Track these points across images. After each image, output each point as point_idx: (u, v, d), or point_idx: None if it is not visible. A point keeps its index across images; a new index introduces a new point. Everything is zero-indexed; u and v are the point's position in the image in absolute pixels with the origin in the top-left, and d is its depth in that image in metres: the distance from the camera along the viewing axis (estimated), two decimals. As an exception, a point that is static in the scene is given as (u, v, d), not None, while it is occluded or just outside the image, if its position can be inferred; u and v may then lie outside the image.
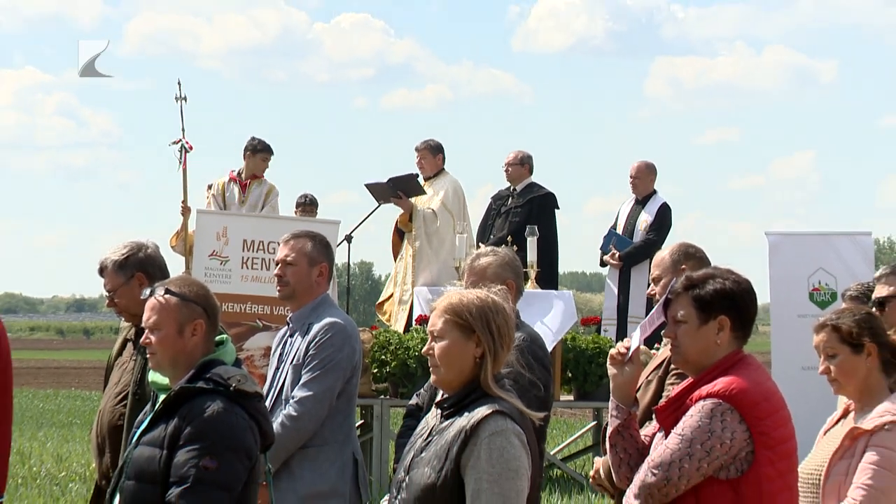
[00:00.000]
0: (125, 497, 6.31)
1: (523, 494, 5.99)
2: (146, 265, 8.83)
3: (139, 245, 8.95)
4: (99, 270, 8.93)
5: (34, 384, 42.91)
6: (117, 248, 8.90)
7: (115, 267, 8.79)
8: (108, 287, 8.86)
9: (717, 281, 6.46)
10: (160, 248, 9.16)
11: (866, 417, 6.84)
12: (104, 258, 8.89)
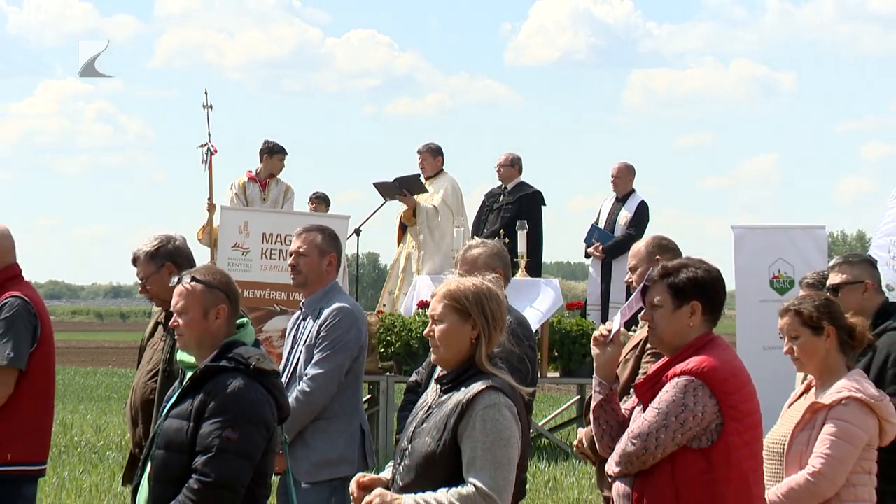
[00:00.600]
0: (156, 464, 6.30)
1: (514, 461, 5.99)
2: (175, 256, 8.83)
3: (168, 238, 8.96)
4: (132, 260, 8.92)
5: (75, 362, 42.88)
6: (149, 241, 8.90)
7: (147, 257, 8.80)
8: (141, 275, 8.86)
9: (690, 270, 6.46)
10: (187, 241, 9.17)
11: (826, 393, 6.84)
12: (137, 250, 8.89)
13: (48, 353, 8.91)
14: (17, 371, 8.67)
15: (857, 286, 8.37)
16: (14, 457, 8.73)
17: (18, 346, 8.68)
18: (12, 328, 8.69)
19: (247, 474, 6.18)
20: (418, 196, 19.62)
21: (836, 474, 6.69)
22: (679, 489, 6.18)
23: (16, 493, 8.82)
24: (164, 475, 6.24)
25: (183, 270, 8.68)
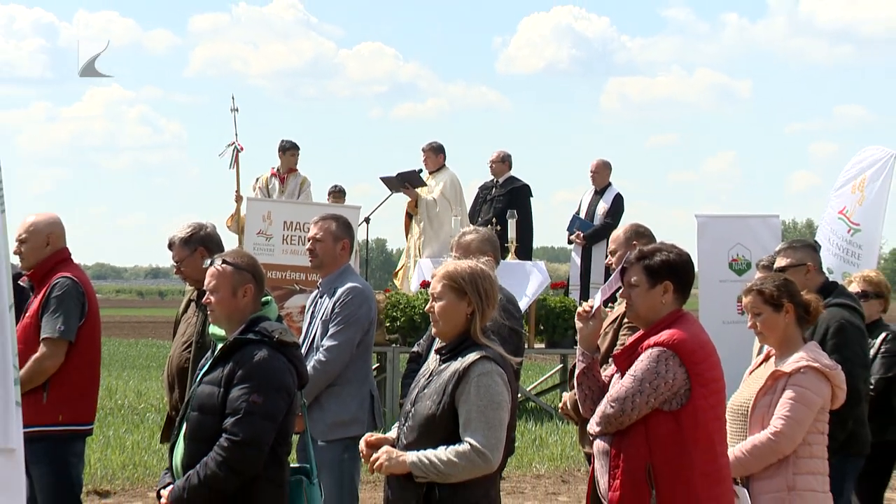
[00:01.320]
0: (191, 425, 6.29)
1: (505, 422, 6.00)
2: (206, 241, 8.87)
3: (201, 225, 9.00)
4: (168, 245, 8.94)
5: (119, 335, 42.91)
6: (183, 228, 8.94)
7: (182, 242, 8.83)
8: (176, 258, 8.89)
9: (663, 253, 6.47)
10: (217, 228, 9.19)
11: (785, 362, 6.84)
12: (172, 236, 8.92)
13: (94, 327, 8.91)
14: (67, 342, 8.66)
15: (800, 268, 8.41)
16: (65, 418, 8.73)
17: (68, 321, 8.68)
18: (63, 305, 8.68)
19: (270, 434, 6.17)
20: (420, 189, 19.63)
21: (794, 434, 6.69)
22: (652, 447, 6.17)
23: (67, 450, 8.82)
24: (198, 434, 6.24)
25: (214, 254, 8.72)
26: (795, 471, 6.71)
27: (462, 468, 5.83)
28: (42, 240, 8.90)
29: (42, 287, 8.80)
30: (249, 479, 6.14)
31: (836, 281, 9.40)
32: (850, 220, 12.21)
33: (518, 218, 19.33)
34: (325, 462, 8.36)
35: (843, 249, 11.87)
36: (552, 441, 17.25)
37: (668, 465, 6.15)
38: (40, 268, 8.88)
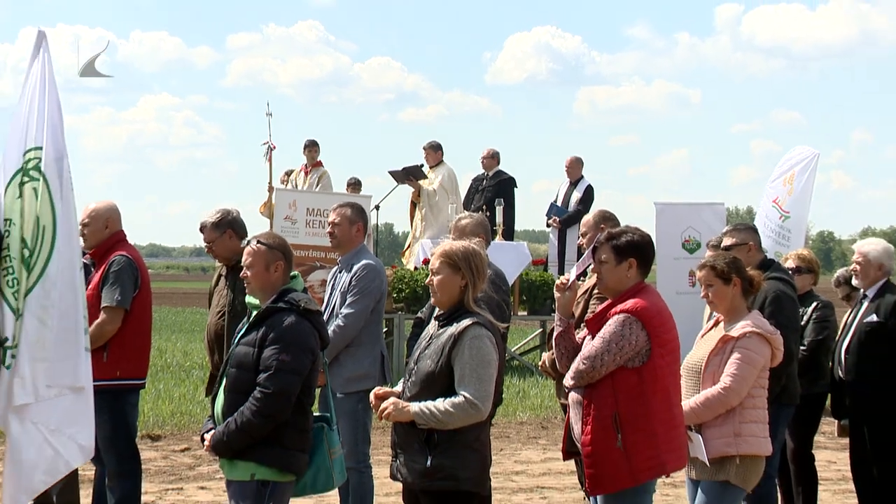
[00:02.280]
0: (230, 380, 6.29)
1: (493, 377, 6.00)
2: (233, 224, 8.97)
3: (228, 211, 9.09)
4: (200, 228, 9.05)
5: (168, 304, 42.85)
6: (213, 213, 9.03)
7: (212, 226, 8.91)
8: (207, 239, 8.98)
9: (628, 235, 6.49)
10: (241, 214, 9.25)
11: (733, 328, 6.84)
12: (204, 220, 9.03)
13: (146, 297, 8.92)
14: (123, 310, 8.66)
15: (743, 246, 8.44)
16: (122, 374, 8.73)
17: (124, 292, 8.68)
18: (119, 279, 8.69)
19: (297, 387, 6.17)
20: (422, 181, 19.64)
21: (741, 389, 6.69)
22: (618, 398, 6.18)
23: (123, 401, 8.83)
24: (236, 387, 6.24)
25: (239, 236, 8.87)
26: (741, 420, 6.71)
27: (457, 416, 5.84)
28: (101, 223, 8.91)
29: (102, 264, 8.80)
30: (279, 425, 6.14)
31: (773, 258, 9.42)
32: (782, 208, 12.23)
33: (504, 205, 19.57)
34: (343, 411, 8.37)
35: (775, 233, 11.89)
36: (533, 393, 17.28)
37: (632, 413, 6.16)
38: (100, 247, 8.88)
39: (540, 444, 14.10)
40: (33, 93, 7.07)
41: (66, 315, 6.92)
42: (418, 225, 19.87)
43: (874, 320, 9.24)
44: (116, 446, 8.75)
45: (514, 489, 11.47)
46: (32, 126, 7.01)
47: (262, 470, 6.14)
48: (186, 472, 11.68)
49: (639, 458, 6.15)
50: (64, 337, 6.89)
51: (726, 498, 6.72)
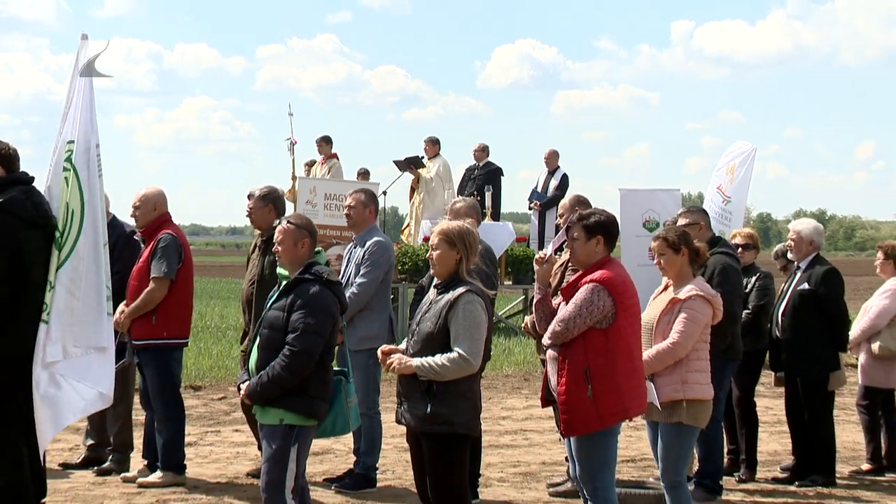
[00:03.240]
0: (262, 339, 6.29)
1: (483, 337, 6.02)
2: (276, 201, 8.96)
3: (275, 189, 9.09)
4: (248, 195, 9.00)
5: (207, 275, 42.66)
6: (263, 187, 9.02)
7: (259, 197, 8.90)
8: (251, 206, 8.92)
9: (597, 216, 6.49)
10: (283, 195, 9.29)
11: (681, 291, 6.84)
12: (253, 190, 9.00)
13: (188, 269, 8.92)
14: (169, 280, 8.67)
15: (695, 226, 8.46)
16: (168, 334, 8.75)
17: (170, 265, 8.68)
18: (166, 253, 8.69)
19: (320, 346, 6.17)
20: (421, 170, 19.65)
21: (687, 343, 6.71)
22: (588, 354, 6.19)
23: (170, 357, 8.84)
24: (268, 345, 6.24)
25: (277, 213, 8.87)
26: (687, 369, 6.73)
27: (453, 370, 5.86)
28: (151, 206, 8.91)
29: (150, 241, 8.80)
30: (304, 378, 6.15)
31: (719, 236, 9.44)
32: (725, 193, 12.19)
33: (493, 191, 19.61)
34: (357, 366, 8.37)
35: (719, 215, 11.84)
36: (517, 351, 17.30)
37: (599, 368, 6.18)
38: (149, 227, 8.88)
39: (522, 393, 14.14)
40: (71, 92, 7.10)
41: (92, 286, 6.98)
42: (417, 207, 19.89)
43: (806, 288, 9.30)
44: (163, 395, 8.77)
45: (501, 432, 11.51)
46: (69, 121, 7.06)
47: (290, 416, 6.15)
48: (223, 417, 11.71)
49: (605, 405, 6.17)
50: (89, 305, 6.96)
51: (682, 436, 6.74)
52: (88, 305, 6.98)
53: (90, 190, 7.00)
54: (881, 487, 9.35)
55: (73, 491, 8.51)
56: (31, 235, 6.87)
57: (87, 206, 6.96)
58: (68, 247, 6.89)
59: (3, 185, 7.01)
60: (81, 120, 7.05)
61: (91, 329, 7.01)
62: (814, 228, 9.70)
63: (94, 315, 7.03)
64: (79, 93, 7.10)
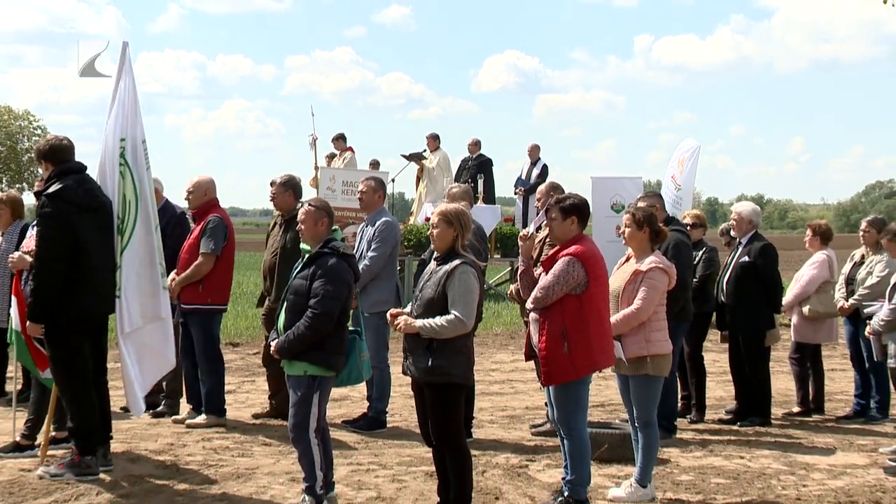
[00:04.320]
0: (289, 304, 6.24)
1: (475, 301, 5.97)
2: (295, 187, 8.96)
3: (293, 176, 9.08)
4: (270, 183, 9.03)
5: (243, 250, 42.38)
6: (283, 175, 9.03)
7: (280, 183, 8.92)
8: (274, 192, 8.95)
9: (571, 199, 6.46)
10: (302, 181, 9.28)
11: (642, 263, 6.82)
12: (274, 178, 9.02)
13: (231, 247, 8.92)
14: (215, 256, 8.69)
15: (651, 207, 8.39)
16: (212, 301, 8.76)
17: (216, 243, 8.69)
18: (213, 233, 8.69)
19: (337, 309, 6.13)
20: (424, 161, 19.71)
21: (648, 308, 6.67)
22: (564, 316, 6.18)
23: (212, 319, 8.85)
24: (293, 309, 6.19)
25: (296, 197, 8.90)
26: (649, 330, 6.68)
27: (450, 329, 5.83)
28: (202, 192, 8.93)
29: (200, 221, 8.83)
30: (324, 336, 6.11)
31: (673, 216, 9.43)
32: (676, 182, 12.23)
33: (484, 179, 19.59)
34: (369, 326, 8.36)
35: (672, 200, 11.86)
36: (504, 313, 17.33)
37: (574, 327, 6.16)
38: (200, 209, 8.90)
39: (509, 349, 14.16)
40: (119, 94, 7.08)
41: (149, 265, 7.05)
42: (421, 192, 19.94)
43: (746, 260, 9.31)
44: (207, 352, 8.78)
45: (491, 382, 11.53)
46: (120, 120, 7.05)
47: (312, 368, 6.13)
48: (257, 370, 11.70)
49: (579, 359, 6.16)
50: (148, 281, 7.02)
51: (650, 385, 6.72)
52: (148, 281, 7.02)
53: (141, 182, 7.03)
54: (808, 427, 9.37)
55: (133, 430, 8.51)
56: (85, 218, 6.89)
57: (139, 196, 7.00)
58: (128, 232, 6.94)
59: (58, 174, 6.98)
60: (130, 119, 7.03)
61: (152, 302, 7.06)
62: (753, 210, 9.71)
63: (154, 289, 7.07)
64: (126, 93, 7.08)
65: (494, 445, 8.25)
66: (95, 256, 6.86)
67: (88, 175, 7.10)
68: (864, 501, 6.76)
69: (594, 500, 6.48)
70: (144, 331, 7.07)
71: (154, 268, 7.08)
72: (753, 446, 8.44)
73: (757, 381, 9.37)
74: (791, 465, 7.78)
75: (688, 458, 7.98)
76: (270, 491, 6.78)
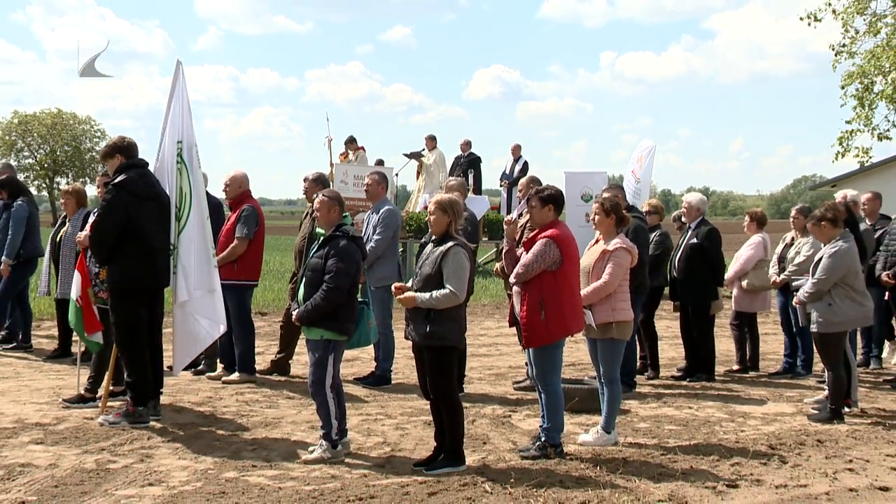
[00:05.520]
0: (307, 279, 6.19)
1: (466, 277, 5.91)
2: (324, 182, 8.89)
3: (323, 174, 9.03)
4: (304, 179, 8.95)
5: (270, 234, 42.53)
6: (315, 172, 8.95)
7: (312, 179, 8.85)
8: (306, 187, 8.88)
9: (549, 190, 6.40)
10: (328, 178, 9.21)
11: (609, 244, 6.76)
12: (307, 175, 8.91)
13: (262, 232, 8.87)
14: (248, 240, 8.66)
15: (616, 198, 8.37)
16: (245, 277, 8.73)
17: (250, 229, 8.67)
18: (247, 220, 8.67)
19: (348, 283, 6.08)
20: (423, 159, 19.66)
21: (614, 282, 6.62)
22: (542, 289, 6.13)
23: (245, 293, 8.81)
24: (311, 283, 6.13)
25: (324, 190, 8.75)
26: (615, 300, 6.63)
27: (445, 301, 5.77)
28: (237, 185, 8.91)
29: (236, 209, 8.81)
30: (337, 306, 6.06)
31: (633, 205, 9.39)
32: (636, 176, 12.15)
33: (474, 173, 19.54)
34: (375, 298, 8.35)
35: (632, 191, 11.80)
36: (491, 287, 17.32)
37: (550, 298, 6.11)
38: (235, 200, 8.88)
39: (495, 318, 14.15)
40: (175, 104, 7.10)
41: (201, 246, 7.04)
42: (420, 185, 19.88)
43: (695, 242, 9.30)
44: (240, 319, 8.74)
45: (480, 345, 11.51)
46: (177, 126, 7.08)
47: (328, 333, 6.08)
48: (283, 335, 11.66)
49: (554, 325, 6.12)
50: (201, 259, 7.03)
51: (615, 347, 6.68)
52: (201, 260, 7.05)
53: (194, 177, 7.07)
54: (746, 381, 9.39)
55: (178, 385, 8.49)
56: (144, 206, 6.97)
57: (193, 189, 7.03)
58: (184, 219, 7.00)
59: (124, 168, 7.07)
60: (185, 125, 7.06)
61: (205, 276, 7.09)
62: (700, 200, 9.70)
63: (206, 267, 7.08)
64: (182, 102, 7.11)
65: (482, 399, 8.23)
66: (153, 238, 6.96)
67: (149, 170, 7.18)
68: (791, 443, 6.76)
69: (566, 444, 6.47)
70: (199, 302, 7.09)
71: (207, 249, 7.11)
72: (700, 398, 8.44)
73: (703, 343, 9.37)
74: (731, 414, 7.78)
75: (645, 408, 7.96)
76: (293, 437, 6.76)
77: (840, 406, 7.61)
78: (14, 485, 5.41)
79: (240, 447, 6.44)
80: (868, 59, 22.40)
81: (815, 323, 7.61)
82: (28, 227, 10.32)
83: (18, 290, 10.49)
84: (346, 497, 5.27)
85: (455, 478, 5.66)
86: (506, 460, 6.14)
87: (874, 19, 22.77)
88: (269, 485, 5.50)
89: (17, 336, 10.61)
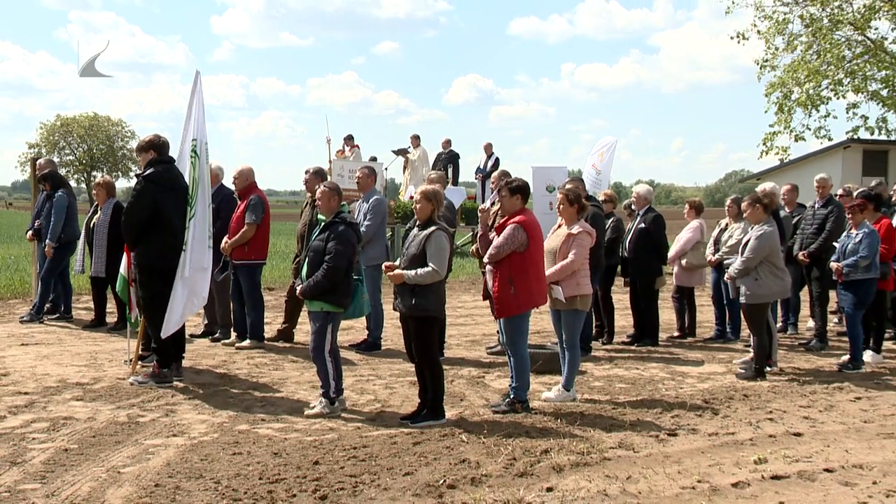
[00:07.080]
0: (309, 259, 6.15)
1: (446, 257, 5.90)
2: (322, 174, 8.73)
3: (322, 168, 8.86)
4: (305, 171, 8.81)
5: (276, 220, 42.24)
6: (315, 166, 8.78)
7: (313, 172, 8.71)
8: (307, 178, 8.72)
9: (517, 181, 6.37)
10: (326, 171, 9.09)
11: (572, 229, 6.72)
12: (308, 168, 8.75)
13: (268, 217, 8.79)
14: (256, 225, 8.58)
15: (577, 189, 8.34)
16: (255, 257, 8.67)
17: (257, 215, 8.59)
18: (255, 208, 8.59)
19: (345, 262, 6.02)
20: (409, 155, 19.51)
21: (578, 261, 6.58)
22: (511, 268, 6.11)
23: (255, 271, 8.75)
24: (312, 263, 6.09)
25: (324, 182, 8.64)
26: (578, 277, 6.58)
27: (428, 278, 5.76)
28: (245, 178, 8.81)
29: (244, 199, 8.71)
30: (335, 282, 6.02)
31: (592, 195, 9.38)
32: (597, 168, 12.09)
33: (453, 168, 19.34)
34: (368, 276, 8.30)
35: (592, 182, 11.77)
36: (467, 266, 17.29)
37: (518, 276, 6.10)
38: (243, 191, 8.79)
39: (471, 292, 14.14)
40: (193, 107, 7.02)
41: (202, 230, 6.97)
42: (406, 178, 19.74)
43: (643, 227, 9.32)
44: (251, 293, 8.69)
45: (457, 316, 11.51)
46: (192, 126, 7.02)
47: (327, 305, 6.05)
48: (288, 307, 11.61)
49: (522, 298, 6.12)
50: (200, 241, 6.95)
51: (577, 317, 6.66)
52: (200, 241, 6.97)
53: (202, 171, 7.00)
54: (684, 346, 9.45)
55: (196, 351, 8.44)
56: (167, 196, 6.95)
57: (201, 181, 6.95)
58: (193, 206, 6.92)
59: (155, 162, 7.03)
60: (199, 125, 6.98)
61: (200, 255, 6.98)
62: (647, 190, 9.72)
63: (203, 247, 7.00)
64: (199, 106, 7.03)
65: (460, 362, 8.24)
66: (174, 225, 6.91)
67: (174, 165, 7.14)
68: (722, 398, 6.83)
69: (532, 400, 6.49)
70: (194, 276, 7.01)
71: (205, 232, 7.06)
72: (646, 361, 8.49)
73: (648, 313, 9.41)
74: (672, 374, 7.83)
75: (599, 369, 8.00)
76: (297, 395, 6.74)
77: (763, 366, 7.71)
78: (58, 434, 5.46)
79: (251, 404, 6.42)
80: (787, 71, 23.45)
81: (743, 295, 7.67)
82: (68, 215, 10.23)
83: (61, 268, 10.41)
84: (343, 446, 5.28)
85: (436, 430, 5.68)
86: (480, 414, 6.16)
87: (791, 38, 23.77)
88: (276, 436, 5.50)
89: (59, 308, 10.53)
